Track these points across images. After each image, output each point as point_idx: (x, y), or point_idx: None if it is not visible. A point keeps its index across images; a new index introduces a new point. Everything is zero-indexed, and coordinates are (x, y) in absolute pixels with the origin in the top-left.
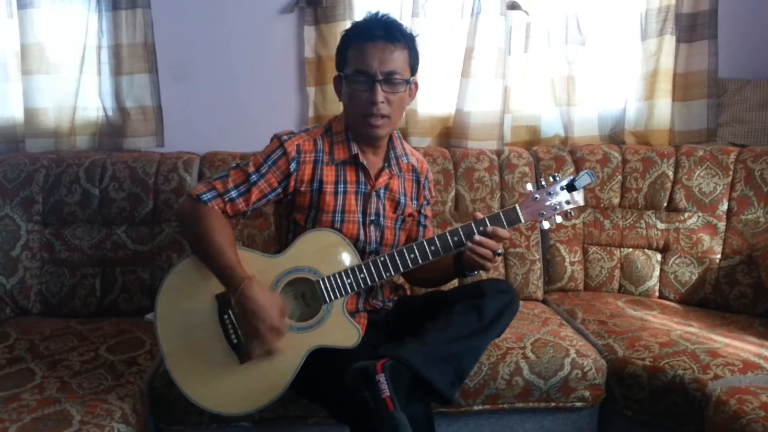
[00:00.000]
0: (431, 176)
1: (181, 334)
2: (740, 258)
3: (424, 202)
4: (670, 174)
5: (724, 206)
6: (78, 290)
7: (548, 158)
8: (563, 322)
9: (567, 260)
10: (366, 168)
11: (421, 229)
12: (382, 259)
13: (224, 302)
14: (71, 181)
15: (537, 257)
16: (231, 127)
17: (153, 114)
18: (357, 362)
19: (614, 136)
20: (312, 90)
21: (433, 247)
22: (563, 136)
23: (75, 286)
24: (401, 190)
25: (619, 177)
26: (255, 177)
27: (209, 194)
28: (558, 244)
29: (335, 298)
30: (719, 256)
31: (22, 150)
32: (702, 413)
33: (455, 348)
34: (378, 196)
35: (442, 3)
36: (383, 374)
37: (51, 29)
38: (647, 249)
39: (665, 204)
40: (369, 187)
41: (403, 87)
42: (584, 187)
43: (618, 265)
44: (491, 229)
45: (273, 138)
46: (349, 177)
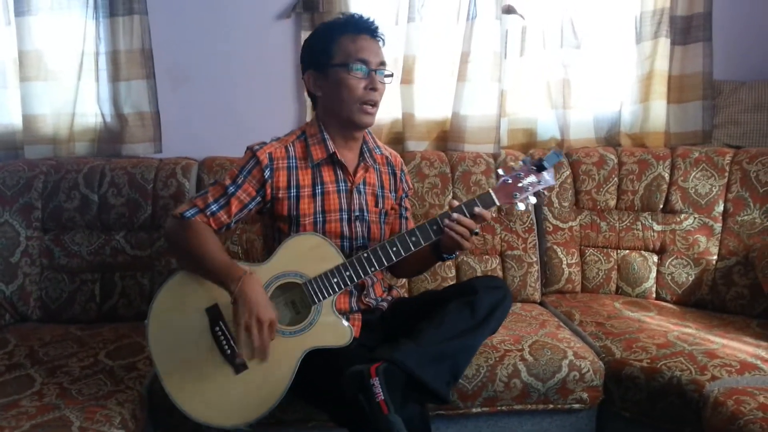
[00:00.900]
0: (406, 168)
1: (175, 353)
2: (737, 259)
3: (403, 195)
4: (666, 176)
5: (720, 208)
6: (77, 296)
7: None
8: (561, 324)
9: (564, 262)
10: (344, 165)
11: (404, 222)
12: (366, 255)
13: (215, 315)
14: (70, 188)
15: (534, 259)
16: (229, 133)
17: (151, 120)
18: (352, 365)
19: (610, 139)
20: None
21: (414, 238)
22: (559, 139)
23: (74, 292)
24: (379, 183)
25: (615, 179)
26: (232, 189)
27: (191, 211)
28: (555, 247)
29: (323, 298)
30: (716, 258)
31: (21, 157)
32: (700, 414)
33: (450, 347)
34: (359, 192)
35: (438, 7)
36: (377, 378)
37: (49, 36)
38: (644, 251)
39: (661, 206)
40: (349, 184)
41: (390, 78)
42: (553, 166)
43: (615, 267)
44: (476, 211)
45: (246, 150)
46: (327, 177)
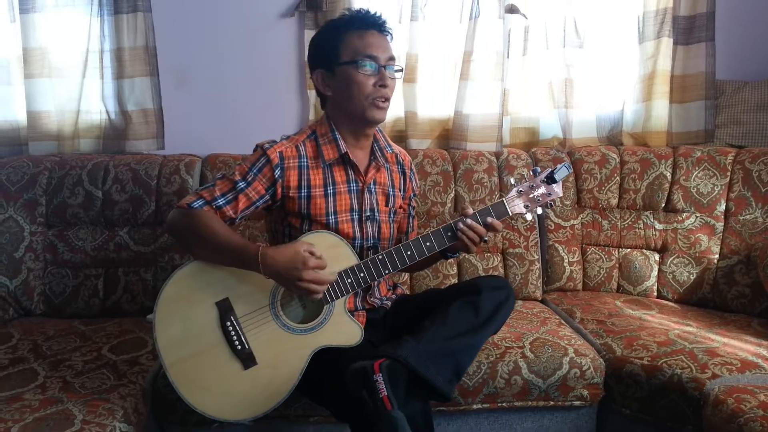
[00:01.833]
0: (414, 167)
1: (183, 345)
2: (738, 258)
3: (412, 194)
4: (668, 175)
5: (722, 207)
6: (81, 291)
7: (546, 160)
8: (562, 322)
9: (566, 260)
10: (355, 165)
11: (411, 220)
12: (381, 257)
13: (225, 309)
14: (74, 184)
15: (536, 257)
16: (232, 130)
17: (154, 117)
18: (356, 361)
19: (612, 138)
20: (312, 93)
21: (429, 243)
22: (561, 138)
23: (78, 287)
24: (389, 183)
25: (617, 178)
26: (242, 185)
27: (198, 202)
28: (557, 245)
29: (336, 298)
30: (717, 256)
31: (26, 153)
32: (700, 412)
33: (453, 345)
34: (370, 192)
35: (441, 7)
36: (381, 374)
37: (53, 33)
38: (645, 249)
39: (663, 205)
40: (361, 184)
41: (401, 73)
42: (563, 179)
43: (616, 265)
44: (489, 222)
45: (256, 148)
46: (339, 177)
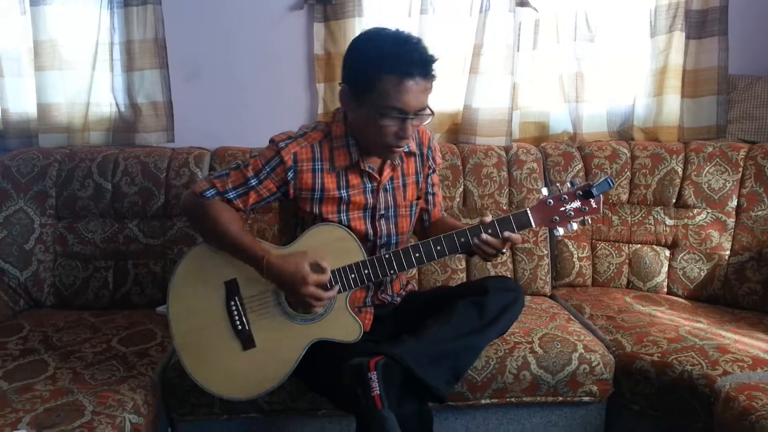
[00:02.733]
0: (435, 144)
1: (191, 318)
2: (750, 254)
3: (430, 171)
4: (679, 170)
5: (734, 203)
6: (91, 283)
7: (557, 154)
8: (571, 318)
9: (575, 256)
10: (368, 172)
11: (431, 197)
12: (387, 257)
13: (232, 289)
14: (84, 176)
15: (545, 253)
16: (241, 123)
17: (164, 110)
18: (356, 356)
19: (623, 133)
20: (321, 86)
21: (439, 248)
22: (572, 133)
23: (88, 279)
24: (408, 172)
25: (628, 173)
26: (254, 182)
27: (210, 191)
28: (566, 240)
29: (339, 292)
30: (728, 253)
31: (36, 145)
32: (710, 409)
33: (453, 346)
34: (386, 190)
35: (451, 0)
36: (375, 372)
37: (64, 26)
38: (656, 245)
39: (674, 200)
40: (376, 183)
41: (430, 118)
42: (603, 194)
43: (626, 261)
44: (506, 236)
45: (270, 143)
46: (353, 181)
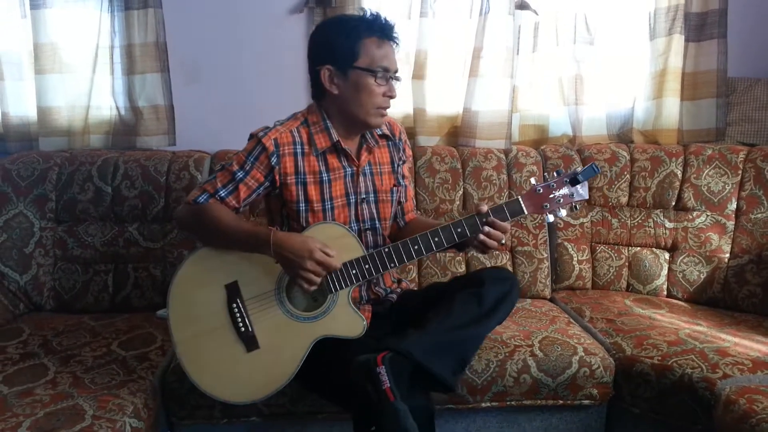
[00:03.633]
0: (405, 136)
1: (192, 323)
2: (749, 257)
3: (400, 162)
4: (679, 173)
5: (733, 205)
6: (90, 286)
7: (556, 157)
8: (571, 321)
9: (575, 259)
10: (347, 152)
11: (402, 189)
12: (387, 251)
13: (233, 291)
14: (84, 179)
15: (545, 255)
16: (241, 126)
17: (165, 113)
18: (360, 354)
19: (622, 135)
20: None
21: (437, 239)
22: (571, 135)
23: (87, 283)
24: (384, 160)
25: (628, 176)
26: (240, 174)
27: (203, 196)
28: (566, 243)
29: (340, 288)
30: (728, 255)
31: (36, 148)
32: (711, 412)
33: (456, 336)
34: (365, 174)
35: (451, 2)
36: (384, 366)
37: (64, 29)
38: (655, 248)
39: (673, 203)
40: (355, 168)
41: (400, 82)
42: (588, 180)
43: (626, 264)
44: (498, 225)
45: (250, 137)
46: (332, 164)
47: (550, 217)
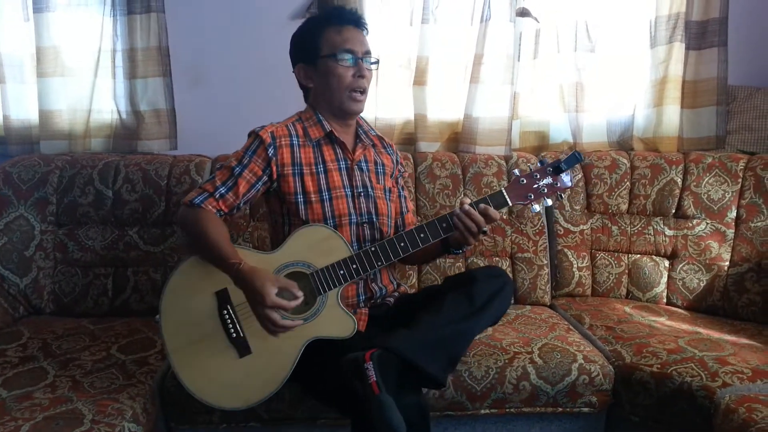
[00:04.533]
0: (400, 158)
1: (184, 332)
2: (749, 266)
3: (399, 175)
4: (679, 181)
5: (733, 213)
6: (90, 290)
7: None
8: (570, 328)
9: (575, 265)
10: (342, 143)
11: (403, 201)
12: (373, 249)
13: (223, 298)
14: (85, 183)
15: (545, 262)
16: (243, 131)
17: (167, 117)
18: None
19: (623, 143)
20: None
21: (422, 234)
22: (572, 142)
23: (87, 286)
24: (380, 161)
25: (628, 183)
26: (239, 169)
27: (201, 197)
28: (566, 250)
29: (329, 289)
30: (728, 264)
31: (37, 151)
32: (710, 421)
33: (445, 332)
34: (360, 169)
35: (452, 9)
36: (371, 362)
37: (66, 33)
38: (655, 255)
39: (673, 211)
40: (350, 161)
41: (376, 65)
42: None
43: (626, 271)
44: (482, 208)
45: (249, 134)
46: (328, 156)
47: (536, 207)
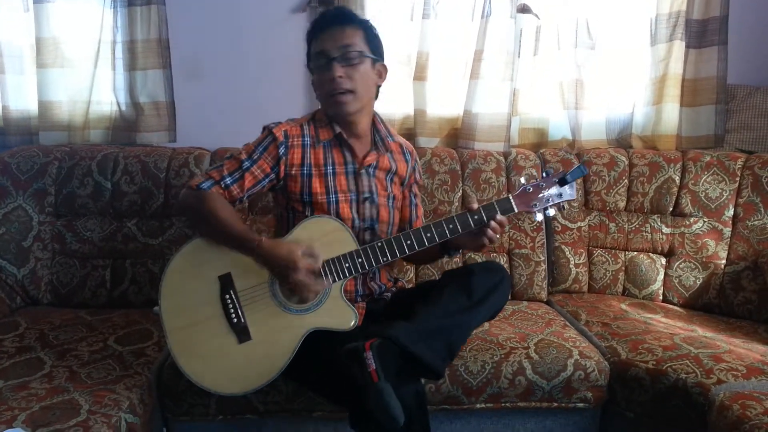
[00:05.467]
0: (419, 161)
1: (184, 313)
2: (745, 264)
3: (414, 182)
4: (677, 179)
5: (730, 212)
6: (88, 281)
7: (555, 161)
8: (567, 324)
9: (572, 262)
10: (351, 147)
11: (414, 209)
12: (380, 245)
13: (226, 283)
14: (84, 174)
15: (542, 258)
16: (242, 124)
17: (166, 109)
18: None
19: (621, 140)
20: None
21: (429, 234)
22: (571, 139)
23: (85, 277)
24: (393, 169)
25: (626, 181)
26: (248, 163)
27: (207, 183)
28: (563, 246)
29: (333, 282)
30: (724, 262)
31: (36, 142)
32: (705, 417)
33: (444, 324)
34: (368, 174)
35: (453, 5)
36: (371, 352)
37: (66, 24)
38: (652, 253)
39: (671, 208)
40: (357, 166)
41: (359, 59)
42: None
43: (622, 268)
44: (500, 219)
45: (263, 129)
46: (337, 159)
47: (539, 216)
